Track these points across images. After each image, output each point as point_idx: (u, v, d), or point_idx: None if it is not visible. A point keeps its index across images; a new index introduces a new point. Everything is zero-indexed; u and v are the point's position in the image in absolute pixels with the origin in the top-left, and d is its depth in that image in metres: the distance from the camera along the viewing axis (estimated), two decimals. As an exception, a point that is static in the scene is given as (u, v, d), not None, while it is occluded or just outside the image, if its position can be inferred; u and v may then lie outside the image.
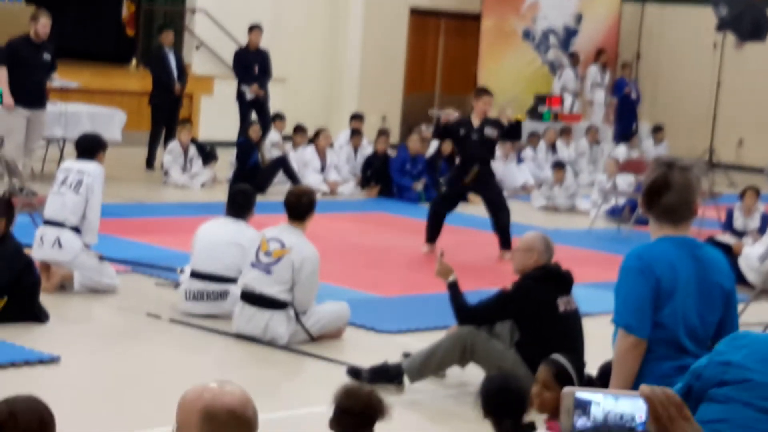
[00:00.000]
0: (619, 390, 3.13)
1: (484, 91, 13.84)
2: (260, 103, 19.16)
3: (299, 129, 18.31)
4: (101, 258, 10.41)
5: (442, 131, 14.09)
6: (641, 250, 5.08)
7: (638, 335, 4.93)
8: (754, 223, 14.52)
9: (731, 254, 10.37)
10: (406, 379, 8.19)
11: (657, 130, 22.52)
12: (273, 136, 17.98)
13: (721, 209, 15.71)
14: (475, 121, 13.46)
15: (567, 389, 2.87)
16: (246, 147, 17.07)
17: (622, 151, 20.64)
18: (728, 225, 14.71)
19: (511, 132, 14.24)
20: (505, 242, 13.40)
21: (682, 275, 5.00)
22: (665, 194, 5.00)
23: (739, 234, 14.00)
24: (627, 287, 4.99)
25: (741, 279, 10.25)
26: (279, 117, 18.59)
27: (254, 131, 17.27)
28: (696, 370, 3.66)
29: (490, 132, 13.44)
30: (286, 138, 18.64)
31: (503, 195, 14.11)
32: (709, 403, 3.55)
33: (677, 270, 4.98)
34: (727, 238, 11.05)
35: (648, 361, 4.92)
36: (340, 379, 8.08)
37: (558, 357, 6.00)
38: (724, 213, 15.23)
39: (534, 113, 22.88)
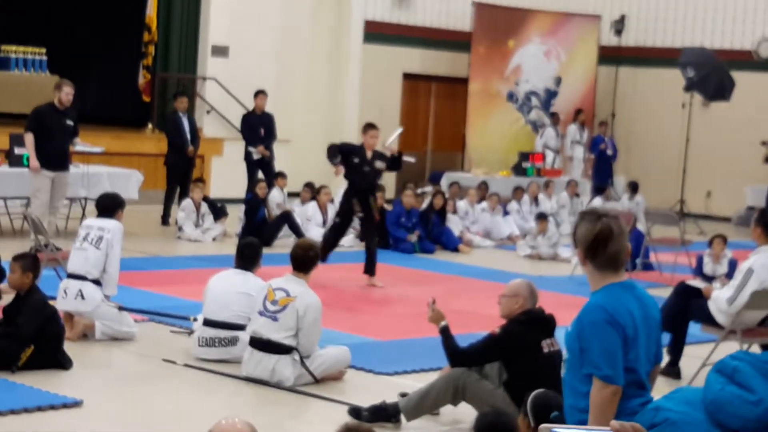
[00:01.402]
0: (593, 427, 3.14)
1: (371, 126, 14.26)
2: (266, 163, 19.19)
3: (308, 186, 18.35)
4: (120, 308, 10.40)
5: (338, 151, 14.19)
6: (602, 301, 4.90)
7: (617, 383, 4.81)
8: (723, 268, 14.54)
9: (701, 297, 10.37)
10: (403, 418, 8.17)
11: (633, 187, 22.49)
12: (276, 195, 17.94)
13: (692, 256, 15.72)
14: (367, 153, 13.91)
15: (543, 426, 2.89)
16: (253, 203, 17.09)
17: (597, 203, 20.67)
18: (699, 270, 14.72)
19: (394, 163, 14.50)
20: (370, 268, 14.03)
21: (637, 319, 4.94)
22: (610, 243, 4.89)
23: (709, 279, 13.99)
24: (599, 340, 4.81)
25: (711, 320, 10.25)
26: (281, 175, 18.62)
27: (261, 189, 17.30)
28: (635, 417, 3.68)
29: (379, 164, 14.05)
30: (291, 194, 18.67)
31: (374, 223, 14.61)
32: None
33: (633, 315, 4.92)
34: (697, 283, 11.03)
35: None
36: (342, 418, 8.07)
37: (539, 394, 6.04)
38: (694, 259, 15.25)
39: (518, 169, 22.93)
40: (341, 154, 14.08)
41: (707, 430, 3.40)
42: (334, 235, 14.38)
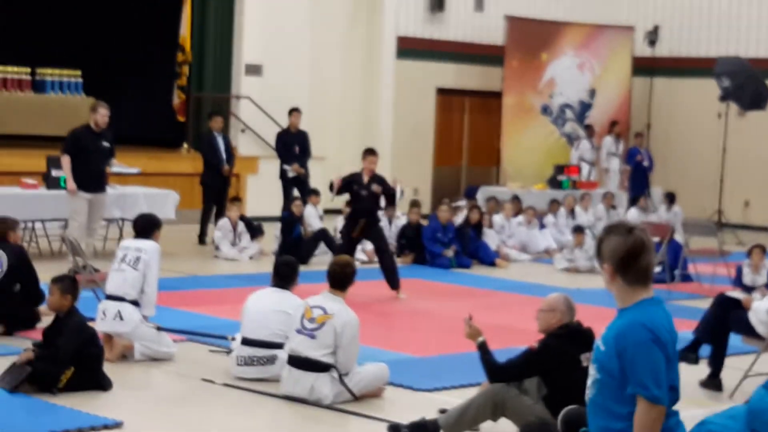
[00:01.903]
0: None
1: (370, 152, 14.78)
2: (301, 181, 19.23)
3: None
4: (159, 328, 10.44)
5: (341, 189, 14.65)
6: (641, 319, 4.72)
7: (663, 404, 4.67)
8: (762, 279, 14.43)
9: (741, 308, 10.30)
10: (442, 434, 8.15)
11: (670, 198, 22.38)
12: (311, 212, 17.95)
13: (731, 266, 15.62)
14: (365, 178, 14.41)
15: None
16: (289, 221, 17.12)
17: (633, 215, 20.59)
18: (738, 281, 14.61)
19: (388, 197, 14.87)
20: (394, 282, 14.38)
21: (673, 335, 4.81)
22: (641, 257, 4.75)
23: (748, 289, 13.89)
24: (646, 359, 4.64)
25: (751, 331, 10.18)
26: (314, 192, 18.66)
27: (297, 207, 17.33)
28: None
29: (375, 188, 14.47)
30: (327, 211, 18.71)
31: (387, 240, 15.12)
32: None
33: (671, 332, 4.79)
34: (737, 294, 10.96)
35: None
36: (381, 435, 8.08)
37: (570, 410, 6.02)
38: (733, 270, 15.15)
39: (554, 182, 22.88)
40: (344, 189, 14.61)
41: None
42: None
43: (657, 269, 16.15)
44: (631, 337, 4.69)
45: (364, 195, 14.47)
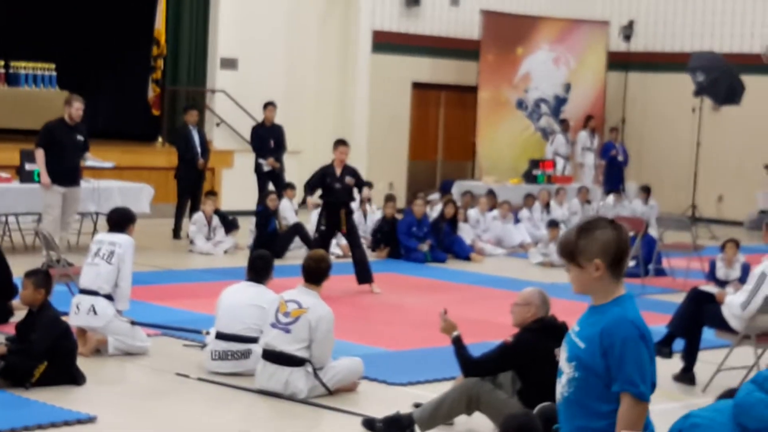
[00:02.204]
0: None
1: (341, 142, 14.84)
2: (276, 175, 19.20)
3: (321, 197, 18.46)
4: (133, 323, 10.41)
5: (313, 185, 14.73)
6: (629, 315, 4.59)
7: (648, 400, 4.59)
8: (736, 273, 14.50)
9: (715, 303, 10.34)
10: (417, 428, 8.16)
11: (646, 191, 22.46)
12: (287, 206, 17.95)
13: (705, 261, 15.69)
14: (337, 170, 14.48)
15: None
16: (264, 215, 17.10)
17: (610, 201, 20.64)
18: (711, 275, 14.68)
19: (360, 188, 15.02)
20: (364, 276, 14.40)
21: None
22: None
23: (722, 283, 13.96)
24: (634, 356, 4.50)
25: (724, 325, 10.23)
26: (290, 186, 18.63)
27: (272, 201, 17.30)
28: (672, 426, 3.67)
29: (348, 180, 14.52)
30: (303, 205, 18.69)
31: (359, 234, 15.13)
32: None
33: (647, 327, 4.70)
34: (710, 288, 11.00)
35: None
36: (356, 429, 8.08)
37: (545, 407, 6.03)
38: (707, 264, 15.21)
39: (529, 176, 22.92)
40: (316, 183, 14.63)
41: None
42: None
43: (631, 264, 16.20)
44: (619, 333, 4.54)
45: (338, 188, 14.46)
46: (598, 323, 4.58)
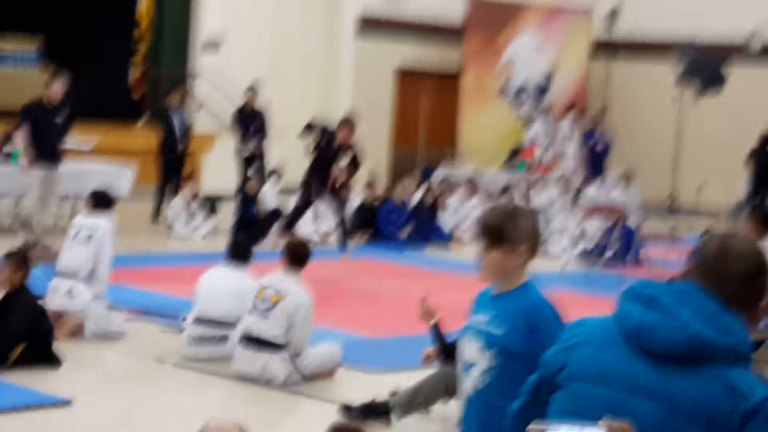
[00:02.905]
0: (583, 423, 3.12)
1: (346, 122, 15.36)
2: (258, 160, 19.16)
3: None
4: (110, 306, 10.38)
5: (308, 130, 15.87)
6: (543, 297, 4.59)
7: None
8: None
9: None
10: (393, 415, 8.17)
11: (626, 178, 22.46)
12: (268, 191, 17.92)
13: (683, 251, 15.70)
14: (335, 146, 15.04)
15: (533, 425, 2.91)
16: (244, 200, 17.06)
17: (591, 191, 20.65)
18: (690, 265, 14.68)
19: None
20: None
21: None
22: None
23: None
24: (560, 333, 4.04)
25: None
26: (275, 172, 18.60)
27: (251, 186, 17.27)
28: (544, 360, 3.56)
29: (339, 169, 15.11)
30: (285, 191, 18.71)
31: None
32: (558, 392, 3.45)
33: None
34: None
35: None
36: (332, 416, 8.07)
37: None
38: (685, 254, 15.21)
39: (509, 164, 22.92)
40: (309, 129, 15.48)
41: (628, 358, 3.33)
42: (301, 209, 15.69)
43: (610, 253, 16.23)
44: (544, 313, 4.49)
45: (329, 157, 14.90)
46: (514, 308, 4.49)
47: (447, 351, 8.14)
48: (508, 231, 4.50)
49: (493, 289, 4.61)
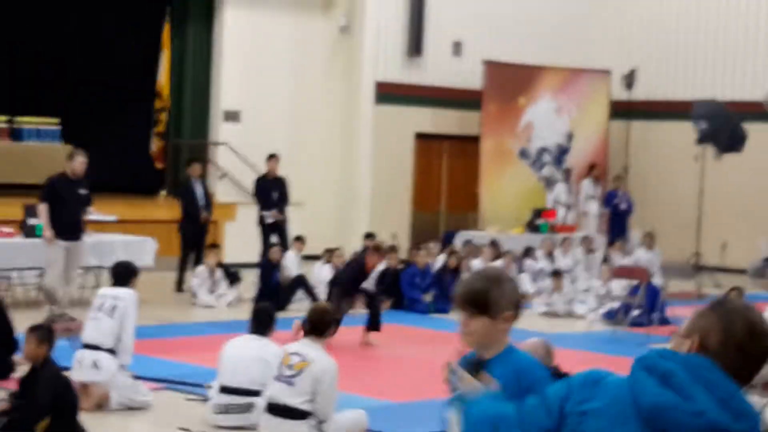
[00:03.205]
0: None
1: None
2: (280, 227, 19.22)
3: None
4: (135, 377, 10.39)
5: None
6: (532, 359, 4.64)
7: None
8: (740, 321, 14.41)
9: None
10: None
11: (649, 237, 22.40)
12: (291, 259, 17.94)
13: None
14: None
15: None
16: (267, 268, 17.09)
17: (618, 259, 20.59)
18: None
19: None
20: (374, 325, 14.61)
21: None
22: None
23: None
24: None
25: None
26: (299, 239, 18.63)
27: (275, 253, 17.30)
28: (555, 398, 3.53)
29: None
30: (310, 257, 18.77)
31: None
32: None
33: None
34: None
35: None
36: (359, 483, 8.03)
37: None
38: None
39: (532, 226, 22.92)
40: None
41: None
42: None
43: (635, 312, 16.17)
44: (535, 373, 4.49)
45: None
46: (504, 372, 4.41)
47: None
48: (494, 298, 4.46)
49: (475, 355, 4.53)
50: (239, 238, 21.32)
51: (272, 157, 19.52)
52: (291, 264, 17.85)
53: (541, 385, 4.33)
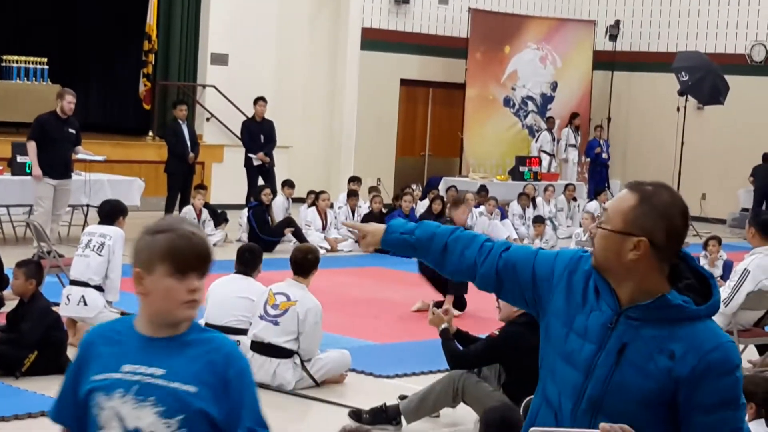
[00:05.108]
0: (585, 430, 3.12)
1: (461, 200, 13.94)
2: (266, 169, 19.18)
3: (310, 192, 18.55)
4: (123, 314, 10.39)
5: None
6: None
7: None
8: (718, 270, 14.50)
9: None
10: (403, 420, 8.17)
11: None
12: (280, 202, 17.94)
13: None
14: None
15: (534, 429, 2.91)
16: (259, 211, 17.04)
17: (593, 207, 20.63)
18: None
19: None
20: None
21: None
22: None
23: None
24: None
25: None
26: (288, 184, 18.58)
27: (265, 195, 17.24)
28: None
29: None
30: (296, 200, 18.76)
31: None
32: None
33: None
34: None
35: None
36: (342, 421, 8.06)
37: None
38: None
39: (515, 173, 22.92)
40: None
41: None
42: None
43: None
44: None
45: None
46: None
47: (454, 356, 8.13)
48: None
49: None
50: (226, 179, 21.27)
51: (259, 100, 19.44)
52: (279, 208, 17.84)
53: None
